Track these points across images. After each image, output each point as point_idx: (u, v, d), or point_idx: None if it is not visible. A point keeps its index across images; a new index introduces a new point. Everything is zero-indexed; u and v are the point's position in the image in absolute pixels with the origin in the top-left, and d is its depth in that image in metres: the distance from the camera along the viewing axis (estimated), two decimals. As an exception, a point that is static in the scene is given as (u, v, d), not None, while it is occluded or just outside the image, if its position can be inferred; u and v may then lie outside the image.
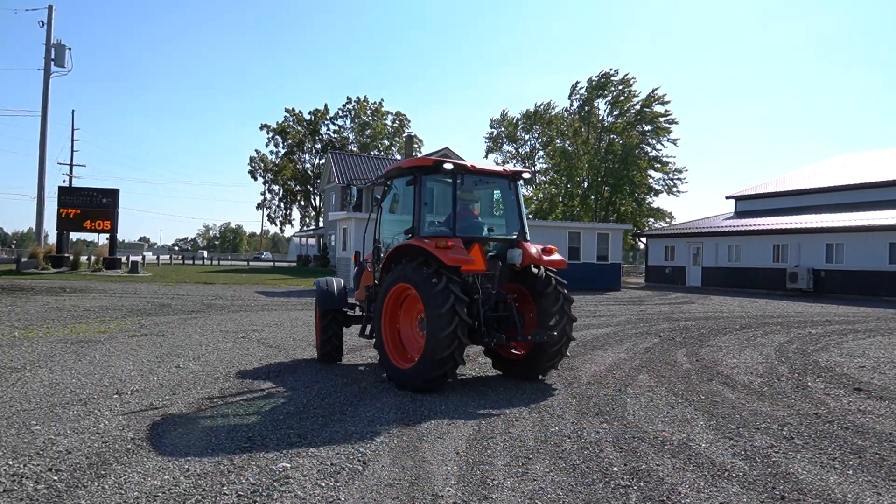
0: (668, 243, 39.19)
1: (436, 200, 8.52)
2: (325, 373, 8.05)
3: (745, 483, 4.44)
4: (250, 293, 22.40)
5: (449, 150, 45.12)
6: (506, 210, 8.58)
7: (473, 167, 7.98)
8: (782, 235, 31.86)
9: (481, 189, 8.77)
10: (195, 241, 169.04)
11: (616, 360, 9.59)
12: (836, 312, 19.46)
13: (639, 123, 55.38)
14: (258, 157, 78.64)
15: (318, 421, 5.78)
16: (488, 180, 8.49)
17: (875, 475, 4.65)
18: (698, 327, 14.27)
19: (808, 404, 6.91)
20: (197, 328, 12.16)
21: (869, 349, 11.31)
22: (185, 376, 7.59)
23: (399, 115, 76.30)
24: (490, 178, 8.44)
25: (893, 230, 27.16)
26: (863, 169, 37.40)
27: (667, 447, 5.22)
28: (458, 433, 5.51)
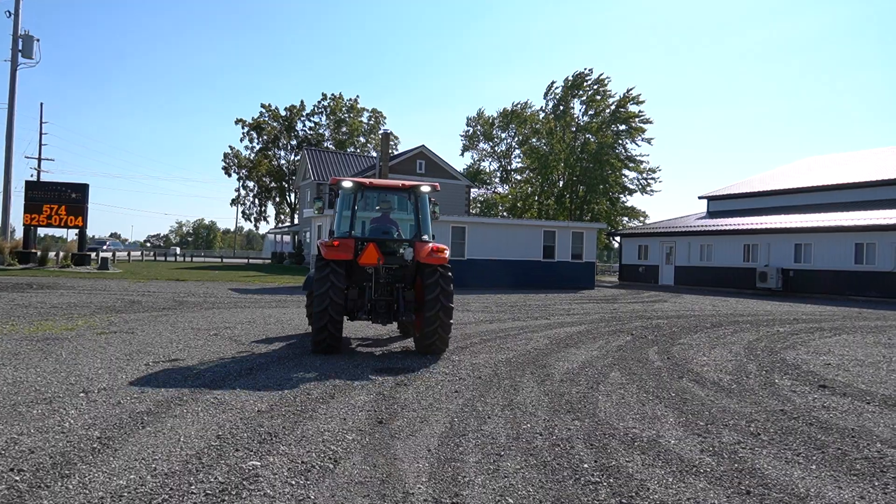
0: (642, 242, 39.61)
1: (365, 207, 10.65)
2: (298, 370, 8.00)
3: (712, 478, 4.51)
4: (223, 290, 22.16)
5: (425, 149, 45.12)
6: (412, 216, 10.28)
7: (372, 184, 10.25)
8: (752, 235, 32.41)
9: (391, 199, 10.84)
10: (168, 238, 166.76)
11: (589, 357, 9.67)
12: (804, 311, 19.84)
13: (613, 123, 55.89)
14: (232, 153, 77.87)
15: (289, 419, 5.74)
16: (390, 193, 10.75)
17: (837, 469, 4.76)
18: (670, 325, 14.45)
19: (774, 401, 7.04)
20: (168, 325, 12.00)
21: (834, 347, 11.56)
22: (155, 374, 7.48)
23: (375, 112, 76.10)
24: (391, 191, 10.70)
25: (859, 231, 27.79)
26: (831, 171, 38.20)
27: (637, 444, 5.28)
28: (431, 431, 5.51)
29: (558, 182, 58.56)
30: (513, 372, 8.30)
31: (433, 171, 44.78)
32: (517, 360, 9.25)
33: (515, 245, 29.53)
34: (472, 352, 9.90)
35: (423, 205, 10.19)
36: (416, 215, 10.09)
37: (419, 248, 9.46)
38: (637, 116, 55.31)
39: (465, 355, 9.54)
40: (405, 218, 10.62)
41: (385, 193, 10.79)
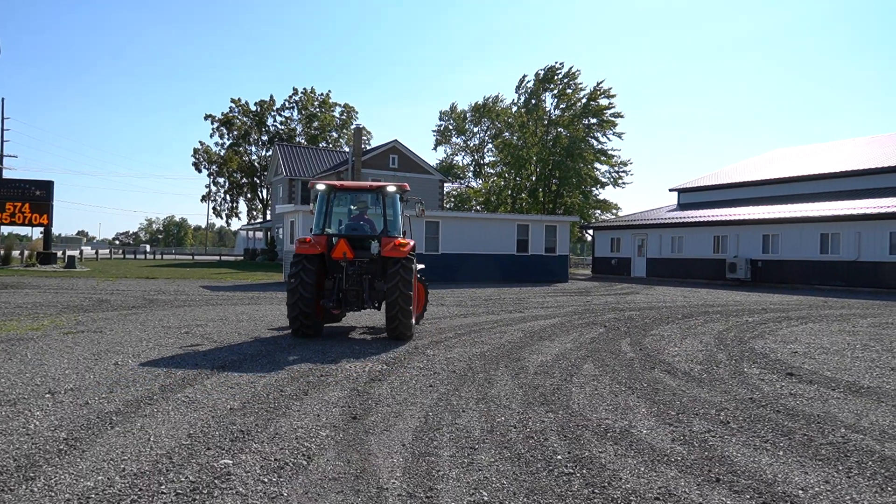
0: (614, 235, 40.00)
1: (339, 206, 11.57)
2: (272, 367, 7.93)
3: (683, 467, 4.58)
4: (195, 287, 21.87)
5: (397, 143, 44.95)
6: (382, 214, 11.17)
7: (343, 185, 11.27)
8: (722, 227, 32.91)
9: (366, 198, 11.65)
10: (137, 236, 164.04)
11: (562, 350, 9.74)
12: (772, 301, 20.23)
13: (585, 117, 56.33)
14: (202, 149, 76.79)
15: (262, 416, 5.69)
16: (361, 194, 11.65)
17: (803, 455, 4.86)
18: (642, 317, 14.62)
19: (743, 389, 7.16)
20: (137, 324, 11.80)
21: (801, 335, 11.80)
22: (124, 374, 7.35)
23: (347, 107, 75.56)
24: (361, 192, 11.63)
25: (824, 222, 28.39)
26: (797, 162, 38.96)
27: (609, 434, 5.34)
28: (405, 425, 5.50)
29: (531, 176, 58.83)
30: (487, 365, 8.33)
31: (406, 166, 44.65)
32: (491, 353, 9.29)
33: (489, 239, 29.61)
34: (447, 346, 9.91)
35: (390, 203, 11.14)
36: (384, 213, 11.04)
37: (384, 243, 10.38)
38: (608, 110, 55.81)
39: (439, 349, 9.55)
40: (380, 215, 11.22)
41: (357, 194, 11.68)
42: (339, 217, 11.53)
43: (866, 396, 6.89)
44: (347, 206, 11.70)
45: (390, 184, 11.37)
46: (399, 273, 10.01)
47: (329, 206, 11.15)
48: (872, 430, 5.58)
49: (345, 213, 11.64)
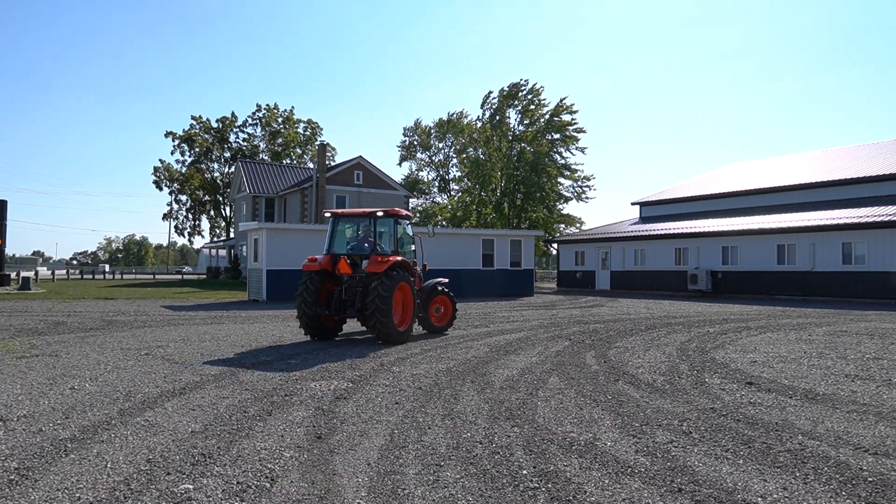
0: (579, 248, 40.46)
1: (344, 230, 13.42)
2: (235, 388, 7.79)
3: (646, 478, 4.63)
4: (156, 308, 21.42)
5: (362, 159, 44.88)
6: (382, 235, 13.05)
7: (343, 213, 13.42)
8: (683, 239, 33.56)
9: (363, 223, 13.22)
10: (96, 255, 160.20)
11: (528, 364, 9.79)
12: (732, 311, 20.65)
13: (548, 132, 57.00)
14: (163, 167, 75.51)
15: (224, 438, 5.58)
16: (360, 219, 13.34)
17: (762, 463, 4.96)
18: (606, 329, 14.79)
19: (705, 399, 7.29)
20: (95, 347, 11.50)
21: (760, 345, 12.07)
22: (81, 398, 7.15)
23: (311, 123, 75.11)
24: (360, 217, 13.35)
25: (781, 233, 29.17)
26: (755, 176, 40.01)
27: (574, 447, 5.37)
28: (370, 444, 5.46)
29: (496, 191, 59.25)
30: (453, 381, 8.32)
31: (371, 182, 44.58)
32: (457, 368, 9.28)
33: (455, 254, 29.65)
34: (413, 362, 9.88)
35: (382, 225, 13.02)
36: (375, 235, 12.78)
37: (371, 261, 11.98)
38: (571, 125, 56.60)
39: (405, 366, 9.51)
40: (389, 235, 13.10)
41: (354, 218, 13.49)
42: (348, 238, 13.32)
43: (822, 403, 7.07)
44: (354, 229, 13.44)
45: (381, 210, 13.10)
46: (377, 288, 11.56)
47: (335, 230, 13.09)
48: (828, 436, 5.73)
49: (353, 234, 13.41)
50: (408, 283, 12.55)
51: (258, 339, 12.84)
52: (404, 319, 12.59)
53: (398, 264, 12.27)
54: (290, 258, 25.93)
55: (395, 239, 12.82)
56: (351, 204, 43.58)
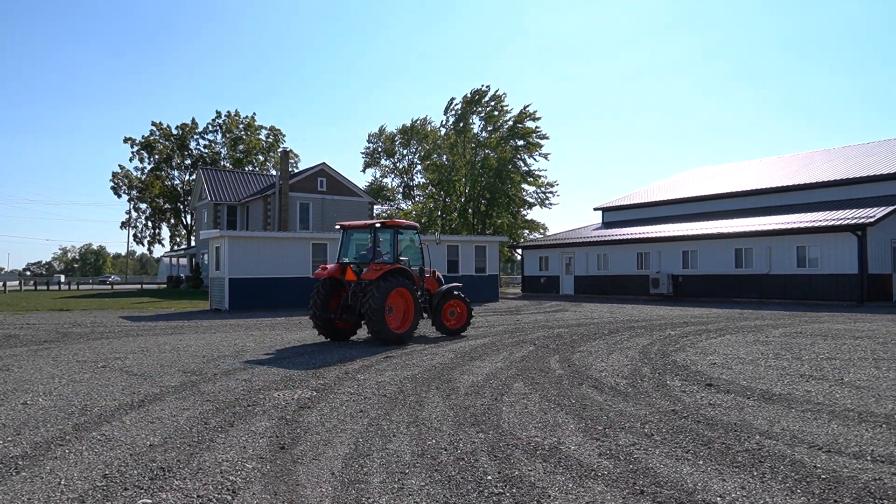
0: (543, 254, 40.81)
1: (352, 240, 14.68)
2: (196, 399, 7.65)
3: (609, 481, 4.68)
4: (113, 319, 20.90)
5: (326, 166, 44.57)
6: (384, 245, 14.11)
7: (351, 225, 14.61)
8: (644, 244, 34.13)
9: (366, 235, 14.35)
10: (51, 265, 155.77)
11: (493, 369, 9.82)
12: (693, 314, 21.05)
13: (512, 138, 57.45)
14: (122, 174, 73.86)
15: (184, 451, 5.47)
16: (364, 230, 14.45)
17: (721, 463, 5.06)
18: (571, 334, 14.93)
19: (666, 402, 7.40)
20: (49, 359, 11.17)
21: (719, 347, 12.32)
22: (33, 413, 6.94)
23: (273, 130, 74.31)
24: (363, 229, 14.51)
25: (738, 237, 29.87)
26: (713, 181, 40.92)
27: (539, 452, 5.40)
28: (335, 453, 5.41)
29: (460, 197, 59.43)
30: (418, 388, 8.30)
31: (335, 189, 44.29)
32: (422, 375, 9.27)
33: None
34: (377, 370, 9.83)
35: (379, 236, 14.00)
36: (374, 245, 13.82)
37: (369, 269, 13.14)
38: (534, 132, 57.14)
39: (370, 374, 9.46)
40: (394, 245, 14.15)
41: (360, 230, 14.62)
42: (360, 248, 14.50)
43: (778, 403, 7.25)
44: (361, 240, 14.48)
45: (379, 221, 14.61)
46: (371, 294, 12.71)
47: (344, 241, 14.42)
48: (784, 435, 5.87)
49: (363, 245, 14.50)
50: (407, 289, 13.43)
51: (220, 348, 12.63)
52: (405, 322, 13.54)
53: (395, 271, 13.23)
54: (253, 266, 25.63)
55: (395, 248, 13.75)
56: (314, 211, 43.22)
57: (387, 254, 13.91)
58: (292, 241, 27.08)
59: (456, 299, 14.90)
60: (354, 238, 14.61)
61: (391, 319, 13.22)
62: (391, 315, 13.26)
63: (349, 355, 11.50)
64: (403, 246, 14.40)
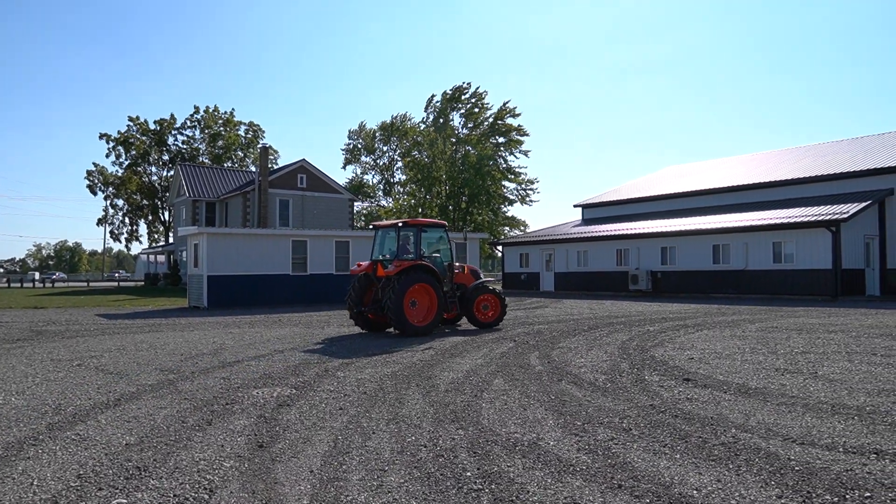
0: (523, 251, 40.95)
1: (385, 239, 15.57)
2: (174, 398, 7.57)
3: (587, 476, 4.71)
4: (89, 316, 20.61)
5: (305, 163, 44.31)
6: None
7: (381, 225, 15.79)
8: (624, 240, 34.38)
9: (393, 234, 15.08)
10: (24, 262, 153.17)
11: (473, 366, 9.84)
12: (671, 310, 21.26)
13: (492, 135, 57.56)
14: (98, 170, 72.88)
15: (161, 450, 5.41)
16: (389, 230, 15.35)
17: (698, 457, 5.12)
18: (550, 330, 15.00)
19: (644, 397, 7.47)
20: (23, 358, 10.98)
21: (697, 342, 12.46)
22: (6, 413, 6.82)
23: (253, 126, 73.73)
24: (389, 228, 15.38)
25: (716, 234, 30.21)
26: (691, 178, 41.32)
27: (518, 448, 5.42)
28: (314, 451, 5.39)
29: (441, 194, 59.43)
30: (398, 385, 8.29)
31: (315, 186, 44.04)
32: (402, 372, 9.26)
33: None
34: (358, 367, 9.80)
35: (401, 235, 14.80)
36: (398, 242, 14.72)
37: (394, 265, 14.03)
38: (515, 129, 57.30)
39: (350, 371, 9.43)
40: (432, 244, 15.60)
41: (385, 230, 15.51)
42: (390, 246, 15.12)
43: (754, 397, 7.35)
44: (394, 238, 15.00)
45: (402, 220, 15.25)
46: (391, 288, 13.65)
47: (377, 239, 15.53)
48: (759, 428, 5.95)
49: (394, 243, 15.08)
50: (430, 284, 14.22)
51: (198, 346, 12.51)
52: (428, 316, 14.34)
53: (417, 267, 14.08)
54: (233, 263, 25.41)
55: (418, 245, 14.57)
56: (294, 208, 42.95)
57: (412, 251, 14.67)
58: (272, 238, 26.88)
59: (489, 293, 15.71)
60: (386, 237, 15.39)
61: (415, 313, 14.18)
62: (415, 309, 14.22)
63: (331, 351, 11.45)
64: (429, 243, 15.33)
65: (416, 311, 14.24)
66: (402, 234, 14.87)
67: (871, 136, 36.71)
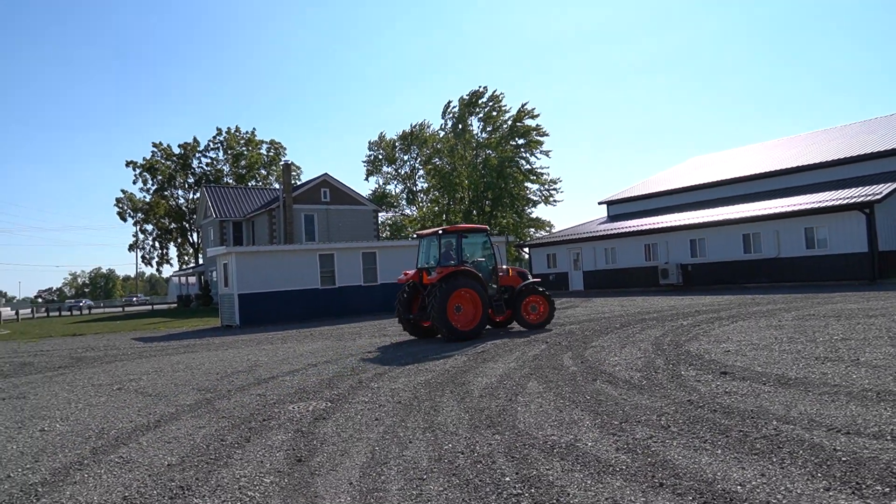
0: (550, 251, 40.74)
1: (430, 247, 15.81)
2: (211, 417, 7.67)
3: (627, 475, 4.66)
4: (126, 341, 21.00)
5: (328, 177, 44.69)
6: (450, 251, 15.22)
7: (424, 233, 15.99)
8: (651, 235, 33.99)
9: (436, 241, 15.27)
10: (62, 291, 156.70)
11: (506, 370, 9.80)
12: (704, 303, 20.95)
13: (512, 137, 57.43)
14: (126, 197, 74.27)
15: (202, 468, 5.49)
16: (432, 238, 15.47)
17: (739, 451, 5.03)
18: (582, 330, 14.89)
19: (682, 392, 7.37)
20: (65, 385, 11.23)
21: (732, 334, 12.25)
22: (51, 439, 6.97)
23: (274, 144, 74.52)
24: (431, 236, 15.53)
25: (745, 223, 29.70)
26: (716, 168, 40.72)
27: (556, 450, 5.39)
28: (352, 463, 5.41)
29: (464, 199, 59.45)
30: (432, 393, 8.30)
31: (338, 199, 44.39)
32: (436, 380, 9.26)
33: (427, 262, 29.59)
34: (391, 377, 9.83)
35: (443, 242, 14.98)
36: (439, 249, 14.93)
37: (435, 272, 14.37)
38: (534, 130, 57.10)
39: (383, 381, 9.46)
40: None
41: (430, 238, 15.62)
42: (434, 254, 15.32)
43: (794, 388, 7.20)
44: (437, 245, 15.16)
45: (441, 228, 15.58)
46: (434, 294, 13.95)
47: (421, 248, 15.88)
48: (801, 419, 5.83)
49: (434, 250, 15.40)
50: (473, 289, 14.37)
51: (233, 364, 12.66)
52: (474, 320, 14.53)
53: (459, 273, 14.27)
54: (262, 281, 25.69)
55: (459, 251, 14.91)
56: (319, 222, 43.30)
57: (454, 257, 14.94)
58: (299, 254, 27.13)
59: (536, 294, 15.83)
60: (430, 245, 15.64)
61: (460, 317, 14.37)
62: (460, 314, 14.41)
63: (364, 362, 11.49)
64: (472, 248, 15.55)
65: (461, 315, 14.42)
66: (443, 242, 15.07)
67: (899, 114, 35.82)
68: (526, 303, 15.76)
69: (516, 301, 15.68)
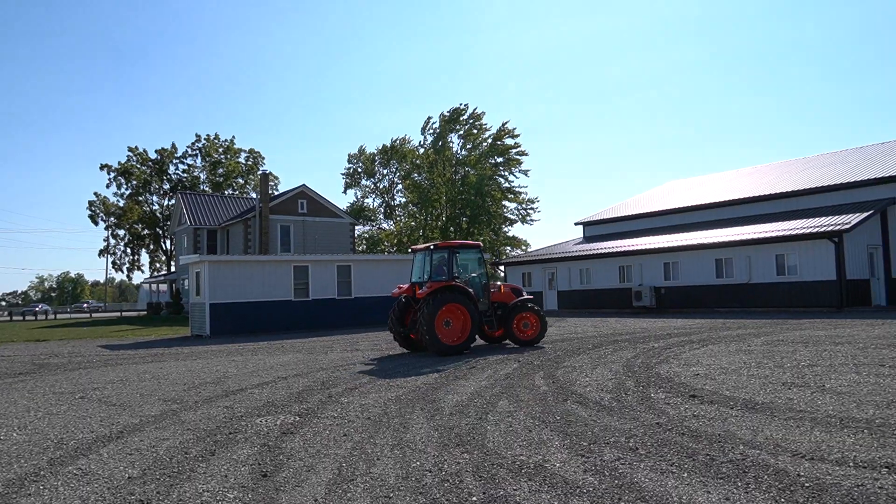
0: (525, 270, 40.91)
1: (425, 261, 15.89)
2: (176, 428, 7.51)
3: (594, 497, 4.65)
4: (92, 348, 20.56)
5: (306, 188, 44.51)
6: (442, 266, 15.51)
7: (417, 248, 16.36)
8: (626, 257, 34.34)
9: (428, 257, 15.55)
10: (27, 294, 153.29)
11: (478, 388, 9.77)
12: (675, 326, 21.16)
13: (491, 156, 57.82)
14: (99, 200, 73.21)
15: (164, 482, 5.36)
16: (424, 253, 15.77)
17: (706, 475, 5.05)
18: (555, 349, 14.92)
19: (651, 415, 7.40)
20: (24, 392, 10.94)
21: (702, 358, 12.38)
22: (6, 449, 6.77)
23: (253, 153, 74.18)
24: (423, 251, 15.89)
25: (718, 248, 30.18)
26: (692, 192, 41.37)
27: (524, 470, 5.37)
28: (318, 479, 5.33)
29: (441, 215, 59.59)
30: (402, 409, 8.23)
31: (315, 211, 44.19)
32: (406, 396, 9.20)
33: (403, 280, 29.52)
34: (361, 392, 9.74)
35: (435, 258, 15.34)
36: (430, 265, 15.27)
37: (425, 287, 14.66)
38: (513, 149, 57.58)
39: (353, 396, 9.37)
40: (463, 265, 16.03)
41: (424, 252, 15.83)
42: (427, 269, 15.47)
43: (761, 412, 7.28)
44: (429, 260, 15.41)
45: (433, 243, 15.79)
46: (423, 308, 14.08)
47: (415, 263, 16.04)
48: (767, 444, 5.89)
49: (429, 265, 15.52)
50: (462, 304, 14.48)
51: (201, 375, 12.45)
52: (462, 335, 14.58)
53: (448, 288, 14.48)
54: (235, 291, 25.40)
55: (451, 267, 15.05)
56: (295, 233, 43.04)
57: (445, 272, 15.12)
58: (273, 265, 26.91)
59: (528, 311, 15.97)
60: (423, 259, 15.77)
61: (449, 333, 14.48)
62: (449, 329, 14.53)
63: (334, 376, 11.39)
64: (463, 265, 15.71)
65: (450, 330, 14.54)
66: (435, 257, 15.38)
67: (872, 146, 36.71)
68: (518, 319, 15.92)
69: (508, 318, 15.83)
